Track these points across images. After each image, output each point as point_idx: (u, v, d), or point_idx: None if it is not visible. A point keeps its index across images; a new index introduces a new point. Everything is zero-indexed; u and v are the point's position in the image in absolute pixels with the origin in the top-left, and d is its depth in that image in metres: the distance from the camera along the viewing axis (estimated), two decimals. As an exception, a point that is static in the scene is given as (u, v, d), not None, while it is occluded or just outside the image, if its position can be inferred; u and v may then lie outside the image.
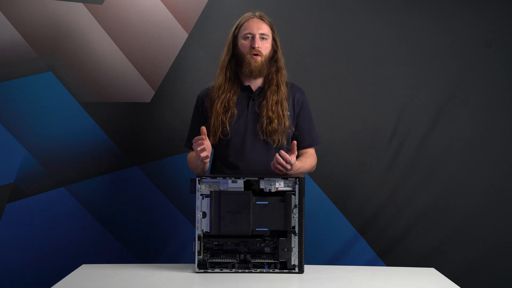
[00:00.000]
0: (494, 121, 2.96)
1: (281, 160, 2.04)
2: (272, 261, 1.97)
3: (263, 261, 1.98)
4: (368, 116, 2.94)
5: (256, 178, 1.98)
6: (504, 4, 2.96)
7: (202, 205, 1.97)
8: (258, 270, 1.97)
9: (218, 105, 2.26)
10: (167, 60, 2.86)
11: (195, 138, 2.08)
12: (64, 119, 2.80)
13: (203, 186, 1.98)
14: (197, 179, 1.97)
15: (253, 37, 2.26)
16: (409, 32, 2.95)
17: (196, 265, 1.97)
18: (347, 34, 2.93)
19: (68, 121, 2.80)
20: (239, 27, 2.30)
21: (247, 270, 1.97)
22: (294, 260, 1.97)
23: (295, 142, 2.11)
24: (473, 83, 2.96)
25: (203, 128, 2.07)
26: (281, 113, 2.25)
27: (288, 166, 2.06)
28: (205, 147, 2.08)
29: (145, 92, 2.86)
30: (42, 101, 2.78)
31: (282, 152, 2.05)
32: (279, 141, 2.25)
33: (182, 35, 2.87)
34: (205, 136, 2.07)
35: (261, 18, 2.29)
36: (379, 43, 2.94)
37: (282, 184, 1.98)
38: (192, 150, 2.34)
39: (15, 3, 2.75)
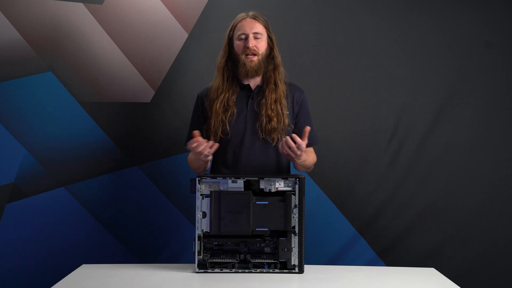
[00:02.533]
0: (493, 121, 2.96)
1: (292, 144, 2.05)
2: (272, 261, 1.97)
3: (263, 261, 1.98)
4: (368, 116, 2.94)
5: (256, 178, 1.98)
6: (504, 4, 2.96)
7: (202, 205, 1.97)
8: (258, 270, 1.97)
9: (218, 105, 2.26)
10: (167, 60, 2.86)
11: (188, 142, 2.10)
12: (64, 119, 2.80)
13: (203, 186, 1.98)
14: (197, 179, 1.97)
15: (247, 37, 2.26)
16: (409, 32, 2.95)
17: (196, 265, 1.97)
18: (347, 34, 2.93)
19: (68, 121, 2.80)
20: (233, 29, 2.30)
21: (247, 270, 1.97)
22: (294, 260, 1.97)
23: (308, 127, 2.09)
24: (473, 83, 2.96)
25: (195, 132, 2.09)
26: (280, 111, 2.26)
27: (298, 152, 2.06)
28: (203, 147, 2.08)
29: (145, 92, 2.86)
30: (42, 101, 2.78)
31: (295, 135, 2.06)
32: (278, 139, 2.25)
33: (182, 35, 2.87)
34: (198, 137, 2.08)
35: (254, 17, 2.29)
36: (378, 43, 2.94)
37: (282, 184, 1.98)
38: None
39: (15, 3, 2.76)
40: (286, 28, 2.87)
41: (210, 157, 2.15)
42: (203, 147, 2.07)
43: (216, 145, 2.11)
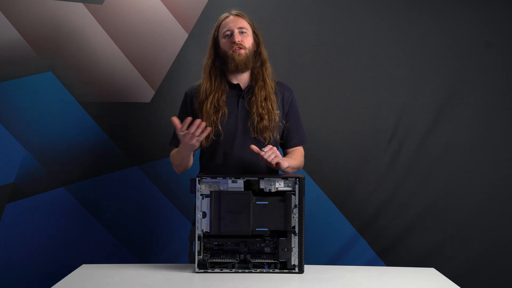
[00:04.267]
0: (493, 121, 2.96)
1: (259, 151, 2.09)
2: (272, 261, 1.97)
3: (263, 261, 1.98)
4: (368, 116, 2.94)
5: (256, 178, 1.98)
6: (504, 4, 2.96)
7: (202, 205, 1.97)
8: (258, 270, 1.97)
9: (208, 106, 2.24)
10: (167, 60, 2.86)
11: (179, 128, 2.01)
12: (64, 119, 2.80)
13: (203, 186, 1.98)
14: (197, 179, 1.97)
15: (232, 33, 2.25)
16: (409, 32, 2.95)
17: (196, 265, 1.97)
18: (347, 34, 2.93)
19: (68, 121, 2.80)
20: (217, 28, 2.31)
21: (247, 270, 1.97)
22: (294, 260, 1.97)
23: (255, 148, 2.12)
24: (473, 83, 2.96)
25: (175, 119, 2.01)
26: (270, 108, 2.25)
27: (272, 157, 2.08)
28: (195, 128, 2.01)
29: (145, 92, 2.86)
30: (42, 101, 2.78)
31: (252, 146, 2.11)
32: (270, 138, 2.24)
33: (182, 35, 2.87)
34: (187, 119, 2.01)
35: (237, 14, 2.29)
36: (378, 43, 2.94)
37: (282, 184, 1.98)
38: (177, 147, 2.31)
39: (15, 3, 2.75)
40: (286, 28, 2.87)
41: (198, 143, 2.08)
42: (195, 127, 2.01)
43: (209, 129, 2.07)
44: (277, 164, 2.11)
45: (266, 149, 2.09)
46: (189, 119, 2.00)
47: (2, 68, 2.75)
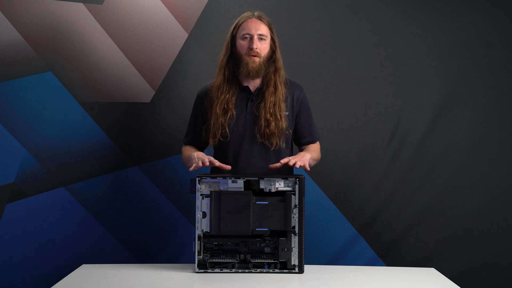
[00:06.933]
0: (494, 121, 2.96)
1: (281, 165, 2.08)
2: (272, 261, 1.98)
3: (263, 261, 1.98)
4: (368, 116, 2.94)
5: (256, 178, 1.99)
6: (504, 4, 2.96)
7: (202, 205, 1.97)
8: (258, 270, 1.97)
9: (218, 106, 2.25)
10: (167, 60, 2.86)
11: (190, 168, 2.12)
12: (64, 119, 2.80)
13: (203, 186, 1.98)
14: (197, 179, 1.97)
15: (251, 38, 2.25)
16: (409, 32, 2.95)
17: (196, 265, 1.97)
18: (347, 34, 2.93)
19: (68, 121, 2.80)
20: (237, 27, 2.29)
21: (247, 270, 1.97)
22: (294, 260, 1.97)
23: (283, 161, 2.11)
24: (473, 83, 2.96)
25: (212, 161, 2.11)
26: (278, 115, 2.25)
27: (298, 163, 2.07)
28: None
29: (145, 92, 2.86)
30: (42, 101, 2.78)
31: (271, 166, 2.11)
32: (276, 143, 2.24)
33: (182, 35, 2.87)
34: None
35: (259, 18, 2.28)
36: (379, 43, 2.94)
37: (282, 184, 1.98)
38: (188, 145, 2.38)
39: (15, 3, 2.75)
40: (286, 28, 2.86)
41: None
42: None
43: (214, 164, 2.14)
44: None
45: (283, 161, 2.09)
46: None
47: (2, 68, 2.75)
